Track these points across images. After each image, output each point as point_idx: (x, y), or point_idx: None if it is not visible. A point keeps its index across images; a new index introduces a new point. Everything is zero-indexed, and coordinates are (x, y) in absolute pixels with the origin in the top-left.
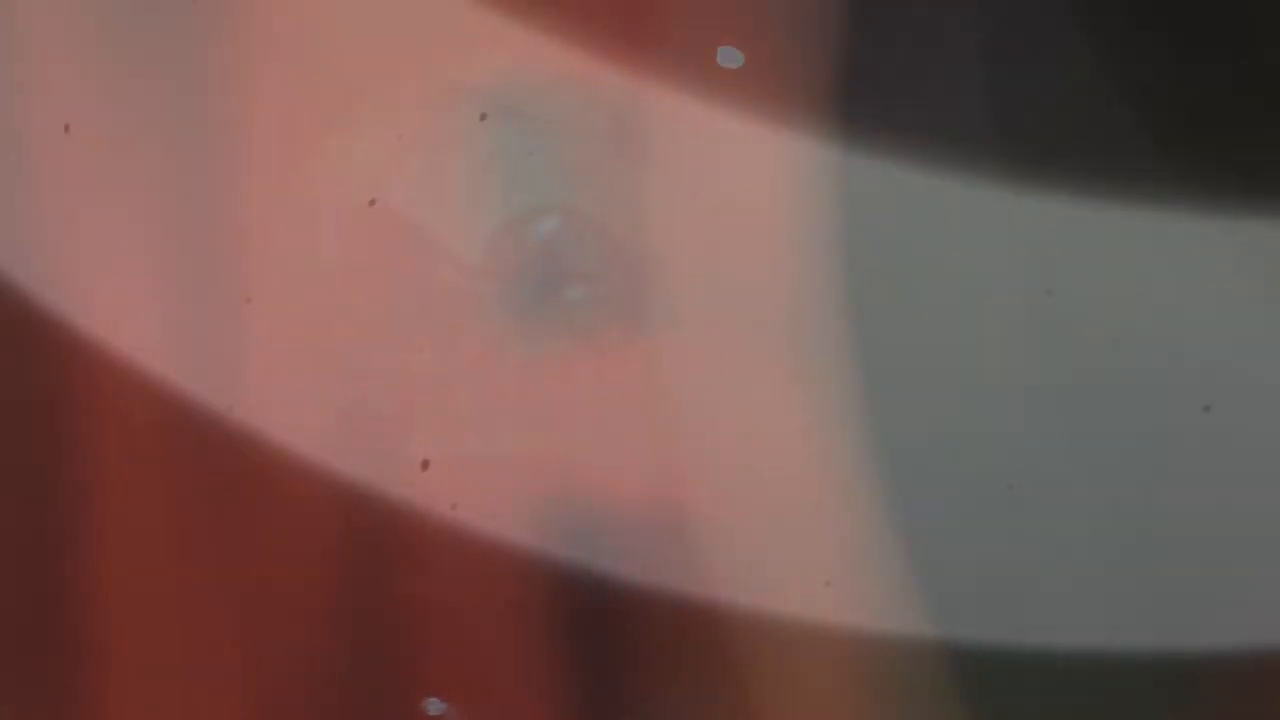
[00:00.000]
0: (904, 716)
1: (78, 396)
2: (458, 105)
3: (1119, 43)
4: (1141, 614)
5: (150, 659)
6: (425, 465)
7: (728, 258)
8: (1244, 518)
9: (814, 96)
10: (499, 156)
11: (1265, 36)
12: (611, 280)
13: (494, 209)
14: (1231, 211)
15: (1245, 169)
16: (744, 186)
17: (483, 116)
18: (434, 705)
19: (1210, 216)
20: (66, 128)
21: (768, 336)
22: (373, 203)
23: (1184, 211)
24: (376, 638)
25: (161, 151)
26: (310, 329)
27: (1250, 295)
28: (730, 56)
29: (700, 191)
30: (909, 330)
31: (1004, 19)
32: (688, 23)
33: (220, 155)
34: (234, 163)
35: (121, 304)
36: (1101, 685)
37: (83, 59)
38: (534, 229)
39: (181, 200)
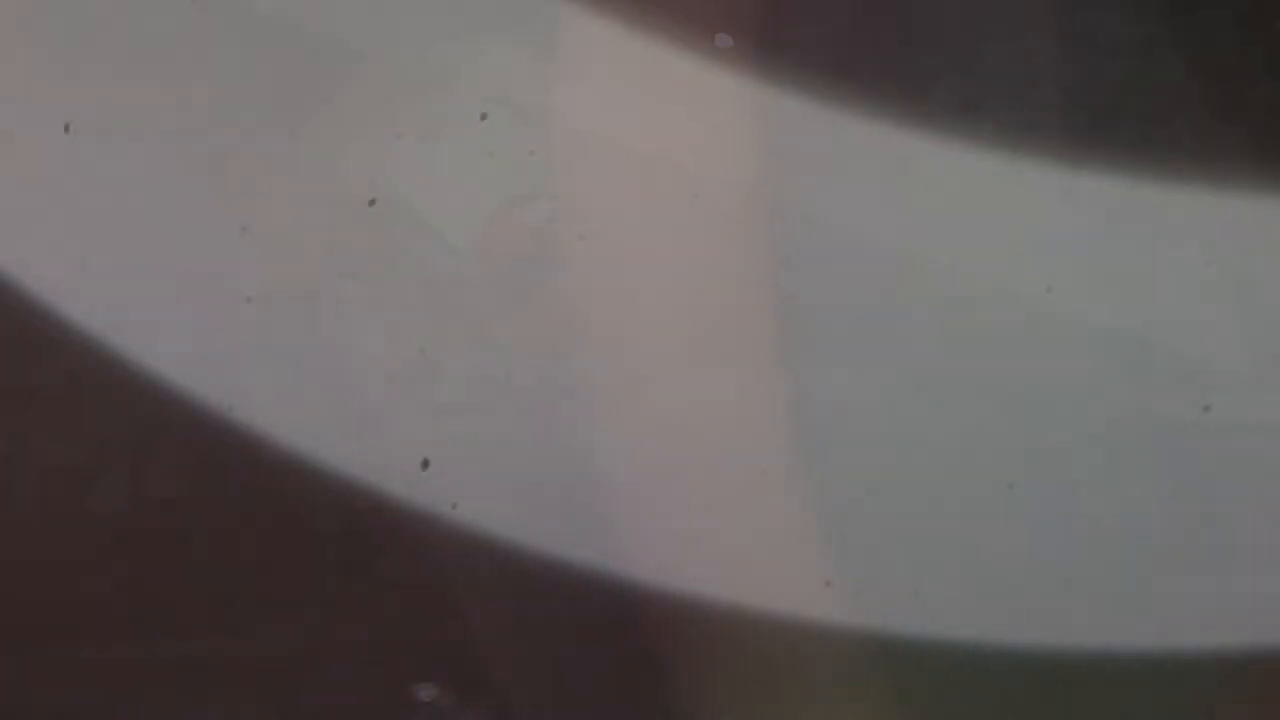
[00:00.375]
0: (903, 715)
1: (76, 395)
2: (458, 100)
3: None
4: (1142, 614)
5: (148, 653)
6: (425, 464)
7: (727, 247)
8: (1243, 517)
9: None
10: (497, 153)
11: None
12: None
13: (489, 197)
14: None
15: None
16: (743, 174)
17: (483, 116)
18: (425, 691)
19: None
20: (66, 128)
21: (766, 330)
22: (373, 203)
23: (1191, 201)
24: (374, 631)
25: (161, 151)
26: (309, 327)
27: (1250, 295)
28: (723, 41)
29: (699, 179)
30: (908, 329)
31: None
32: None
33: (219, 155)
34: (233, 162)
35: (121, 303)
36: (1102, 684)
37: (83, 59)
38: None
39: (180, 200)
